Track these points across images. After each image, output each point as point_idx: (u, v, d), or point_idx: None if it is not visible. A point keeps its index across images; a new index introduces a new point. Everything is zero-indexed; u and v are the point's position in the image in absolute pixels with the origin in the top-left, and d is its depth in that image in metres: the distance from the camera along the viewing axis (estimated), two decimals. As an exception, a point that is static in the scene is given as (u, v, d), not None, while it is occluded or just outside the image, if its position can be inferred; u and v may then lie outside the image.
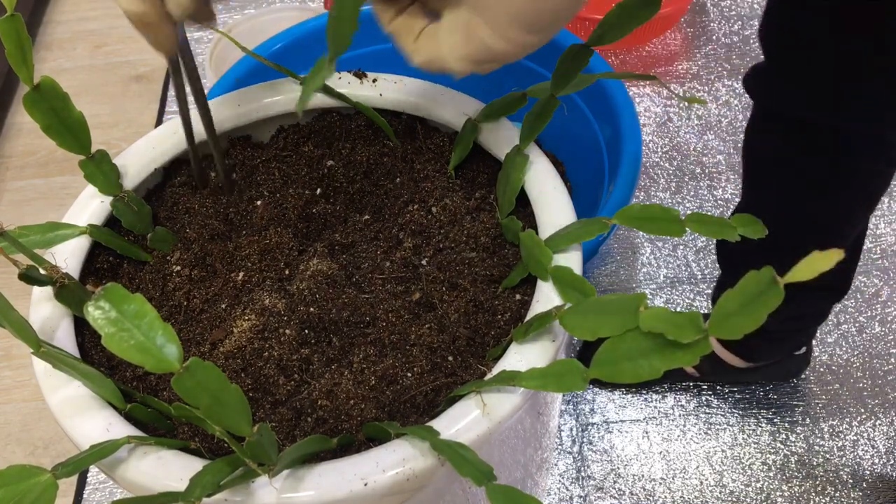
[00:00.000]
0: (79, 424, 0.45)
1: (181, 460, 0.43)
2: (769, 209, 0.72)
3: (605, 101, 0.89)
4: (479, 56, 0.41)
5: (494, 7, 0.38)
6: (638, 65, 1.36)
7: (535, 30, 0.39)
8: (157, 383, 0.50)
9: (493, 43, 0.40)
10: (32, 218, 1.24)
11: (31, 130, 1.37)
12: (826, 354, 1.00)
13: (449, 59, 0.43)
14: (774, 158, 0.70)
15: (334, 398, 0.48)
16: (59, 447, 0.99)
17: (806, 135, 0.66)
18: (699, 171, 1.19)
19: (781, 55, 0.64)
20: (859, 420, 0.95)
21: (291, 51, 0.96)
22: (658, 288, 1.07)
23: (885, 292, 1.05)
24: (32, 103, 0.48)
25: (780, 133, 0.68)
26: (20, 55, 0.46)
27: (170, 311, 0.54)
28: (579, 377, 0.40)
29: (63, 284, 0.48)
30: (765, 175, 0.73)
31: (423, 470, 0.42)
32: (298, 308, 0.52)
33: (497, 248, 0.56)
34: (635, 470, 0.92)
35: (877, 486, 0.90)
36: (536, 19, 0.39)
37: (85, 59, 1.46)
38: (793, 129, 0.67)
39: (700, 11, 1.44)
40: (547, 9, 0.38)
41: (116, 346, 0.34)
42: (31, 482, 0.38)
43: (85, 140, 0.52)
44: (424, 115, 0.63)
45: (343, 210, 0.59)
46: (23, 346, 0.60)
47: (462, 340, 0.50)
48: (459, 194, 0.59)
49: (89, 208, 0.56)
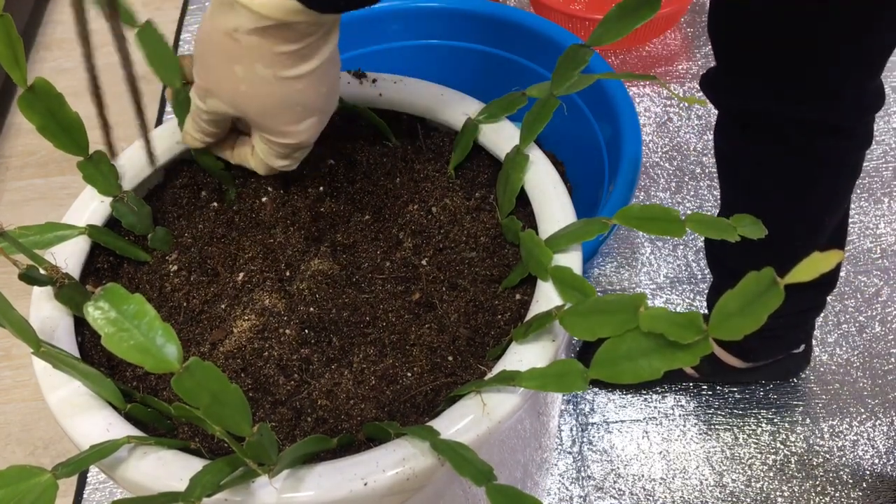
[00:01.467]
0: (79, 424, 0.45)
1: (181, 460, 0.43)
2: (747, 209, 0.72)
3: (605, 101, 0.89)
4: (283, 152, 0.52)
5: (264, 122, 0.50)
6: (638, 65, 1.36)
7: (304, 119, 0.50)
8: (157, 383, 0.50)
9: (283, 141, 0.51)
10: (32, 218, 1.24)
11: (30, 130, 1.37)
12: (826, 354, 1.00)
13: (272, 163, 0.53)
14: (740, 157, 0.71)
15: (334, 398, 0.48)
16: (59, 447, 0.99)
17: (764, 129, 0.67)
18: (699, 171, 1.19)
19: (730, 48, 0.65)
20: (859, 420, 0.95)
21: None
22: (658, 288, 1.07)
23: (885, 292, 1.05)
24: (27, 104, 0.48)
25: (740, 131, 0.69)
26: (12, 56, 0.46)
27: (170, 311, 0.54)
28: (579, 377, 0.40)
29: (63, 284, 0.48)
30: (735, 175, 0.74)
31: (423, 470, 0.42)
32: (298, 308, 0.52)
33: (497, 248, 0.56)
34: (635, 470, 0.92)
35: (877, 486, 0.90)
36: (297, 116, 0.49)
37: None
38: (751, 126, 0.68)
39: (700, 11, 1.44)
40: (299, 103, 0.48)
41: (116, 346, 0.34)
42: (31, 482, 0.38)
43: (82, 140, 0.52)
44: (424, 115, 0.63)
45: (346, 210, 0.59)
46: (23, 346, 0.60)
47: (462, 340, 0.50)
48: (459, 194, 0.59)
49: (89, 209, 0.56)
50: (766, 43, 0.61)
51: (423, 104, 0.62)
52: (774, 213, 0.70)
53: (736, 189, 0.75)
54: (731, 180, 0.75)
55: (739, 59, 0.64)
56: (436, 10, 0.99)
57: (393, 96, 0.63)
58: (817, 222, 0.73)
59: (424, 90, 0.63)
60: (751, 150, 0.69)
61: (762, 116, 0.66)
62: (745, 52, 0.63)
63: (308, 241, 0.57)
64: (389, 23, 1.00)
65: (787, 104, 0.64)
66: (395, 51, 1.02)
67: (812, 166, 0.68)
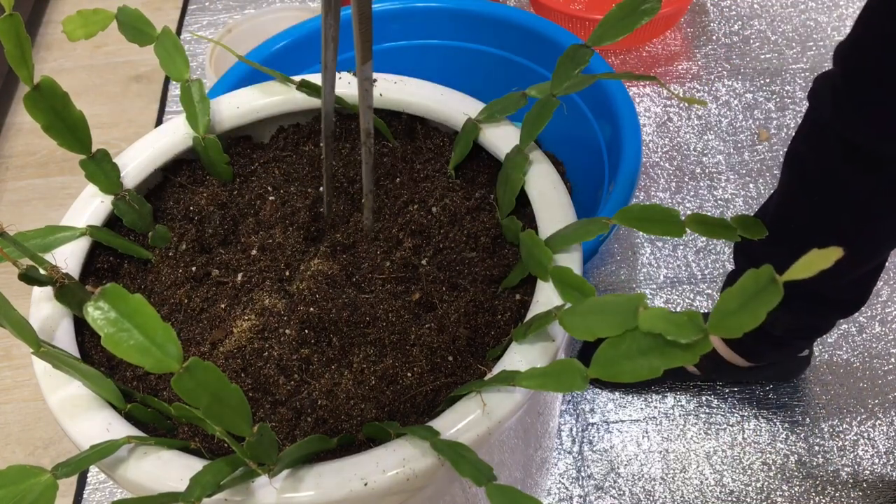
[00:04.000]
0: (79, 424, 0.45)
1: (181, 460, 0.43)
2: (808, 219, 0.71)
3: (605, 101, 0.89)
4: None
5: None
6: (638, 65, 1.36)
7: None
8: (157, 383, 0.50)
9: None
10: (32, 218, 1.24)
11: (30, 130, 1.37)
12: (826, 354, 1.00)
13: None
14: (827, 172, 0.67)
15: (334, 398, 0.48)
16: (59, 447, 0.99)
17: (870, 160, 0.63)
18: (699, 171, 1.19)
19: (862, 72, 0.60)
20: (859, 420, 0.95)
21: (292, 50, 0.96)
22: (658, 288, 1.07)
23: (885, 292, 1.05)
24: (33, 103, 0.48)
25: (840, 150, 0.65)
26: (20, 54, 0.46)
27: (170, 310, 0.54)
28: (579, 377, 0.40)
29: (63, 284, 0.48)
30: (811, 185, 0.71)
31: (423, 470, 0.42)
32: (298, 308, 0.52)
33: (497, 248, 0.56)
34: (635, 470, 0.92)
35: (877, 486, 0.90)
36: None
37: (85, 59, 1.46)
38: (858, 153, 0.64)
39: (700, 11, 1.44)
40: None
41: (116, 346, 0.34)
42: (31, 482, 0.38)
43: (85, 139, 0.52)
44: (424, 115, 0.63)
45: (346, 210, 0.59)
46: (23, 346, 0.60)
47: (462, 340, 0.50)
48: (459, 194, 0.59)
49: (89, 208, 0.56)
50: None
51: (423, 104, 0.62)
52: (831, 227, 0.69)
53: (799, 197, 0.72)
54: (802, 188, 0.71)
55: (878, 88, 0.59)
56: (436, 10, 0.99)
57: (393, 96, 0.63)
58: (873, 248, 0.70)
59: (424, 90, 0.63)
60: (848, 173, 0.66)
61: (886, 157, 0.62)
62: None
63: (308, 241, 0.57)
64: (389, 23, 1.00)
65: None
66: (395, 51, 1.02)
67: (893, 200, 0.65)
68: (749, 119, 1.26)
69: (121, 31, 0.56)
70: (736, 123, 1.25)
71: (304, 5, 1.34)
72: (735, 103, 1.28)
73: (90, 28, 0.54)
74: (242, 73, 0.91)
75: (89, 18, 0.54)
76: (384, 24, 1.00)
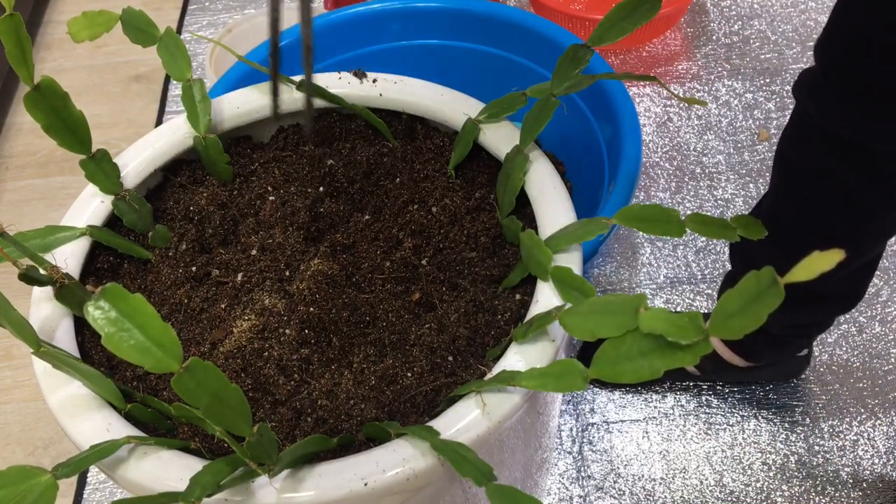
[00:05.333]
0: (79, 424, 0.45)
1: (181, 460, 0.43)
2: (797, 216, 0.71)
3: (605, 101, 0.89)
4: None
5: None
6: (638, 65, 1.36)
7: None
8: (157, 383, 0.50)
9: None
10: (32, 218, 1.24)
11: (30, 130, 1.37)
12: (826, 354, 1.00)
13: None
14: (813, 168, 0.68)
15: (334, 398, 0.48)
16: (59, 447, 0.99)
17: (852, 152, 0.63)
18: (699, 171, 1.19)
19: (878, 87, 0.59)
20: (859, 420, 0.95)
21: (292, 50, 0.96)
22: (658, 288, 1.07)
23: (885, 292, 1.05)
24: (33, 103, 0.48)
25: (823, 145, 0.65)
26: (20, 54, 0.46)
27: (170, 310, 0.54)
28: (579, 377, 0.40)
29: (63, 284, 0.48)
30: (798, 182, 0.71)
31: (423, 470, 0.42)
32: (298, 308, 0.52)
33: (497, 248, 0.56)
34: (635, 470, 0.92)
35: (877, 486, 0.90)
36: None
37: (85, 59, 1.46)
38: (839, 146, 0.64)
39: (700, 11, 1.44)
40: None
41: (116, 346, 0.34)
42: (32, 482, 0.38)
43: (85, 139, 0.52)
44: (424, 115, 0.63)
45: (346, 210, 0.59)
46: (23, 346, 0.60)
47: (462, 340, 0.50)
48: (459, 194, 0.59)
49: (89, 208, 0.56)
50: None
51: (423, 104, 0.62)
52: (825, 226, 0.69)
53: (791, 195, 0.72)
54: (793, 186, 0.71)
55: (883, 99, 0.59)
56: (436, 10, 0.99)
57: (393, 96, 0.63)
58: (868, 244, 0.71)
59: (424, 90, 0.63)
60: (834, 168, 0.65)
61: (880, 154, 0.62)
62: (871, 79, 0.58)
63: (308, 241, 0.57)
64: (389, 23, 1.00)
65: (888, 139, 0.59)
66: (395, 51, 1.02)
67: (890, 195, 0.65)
68: (749, 119, 1.26)
69: (125, 31, 0.56)
70: (736, 123, 1.25)
71: (304, 5, 1.34)
72: (735, 103, 1.28)
73: (95, 29, 0.54)
74: (242, 73, 0.90)
75: (94, 20, 0.54)
76: (384, 24, 1.00)
